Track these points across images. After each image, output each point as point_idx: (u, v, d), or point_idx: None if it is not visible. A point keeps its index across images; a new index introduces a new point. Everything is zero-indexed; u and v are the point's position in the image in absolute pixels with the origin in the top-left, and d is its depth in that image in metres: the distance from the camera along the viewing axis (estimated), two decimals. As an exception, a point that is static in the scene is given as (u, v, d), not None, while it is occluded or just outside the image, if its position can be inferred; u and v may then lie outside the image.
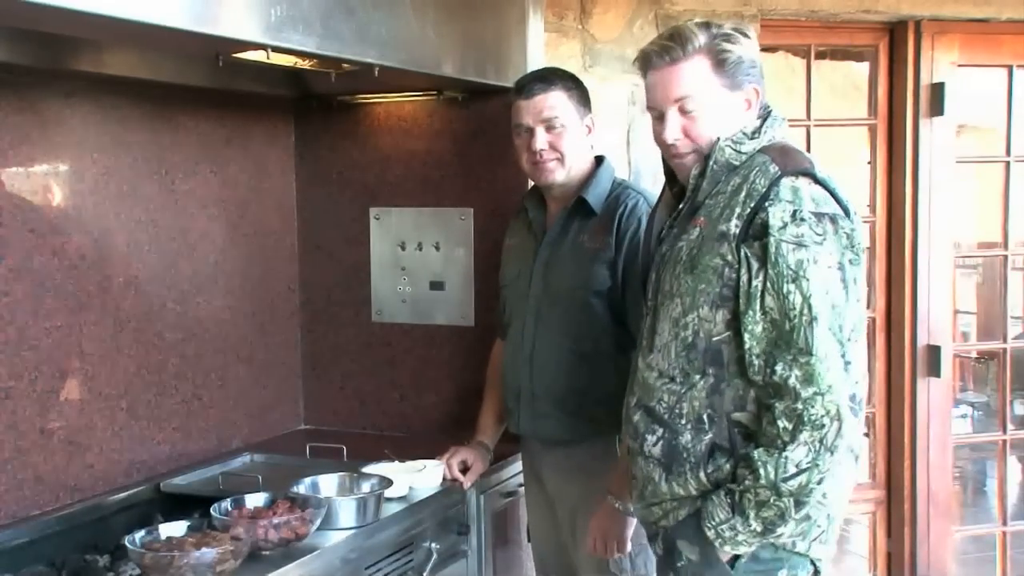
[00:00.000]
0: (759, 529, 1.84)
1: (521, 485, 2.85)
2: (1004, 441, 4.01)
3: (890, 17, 3.62)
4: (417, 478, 2.55)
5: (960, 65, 3.66)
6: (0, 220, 2.35)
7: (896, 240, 3.74)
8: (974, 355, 7.44)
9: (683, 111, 1.96)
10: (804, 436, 1.78)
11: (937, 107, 3.62)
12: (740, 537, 1.86)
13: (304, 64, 2.40)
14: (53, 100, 2.48)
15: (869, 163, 3.83)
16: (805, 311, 1.78)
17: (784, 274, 1.79)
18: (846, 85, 4.90)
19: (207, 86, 2.75)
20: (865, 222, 3.82)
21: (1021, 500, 6.48)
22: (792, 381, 1.78)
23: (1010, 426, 4.06)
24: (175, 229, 2.84)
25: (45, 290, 2.45)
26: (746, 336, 1.83)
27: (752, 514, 1.82)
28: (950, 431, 3.82)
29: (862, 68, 4.00)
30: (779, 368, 1.80)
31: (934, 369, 3.70)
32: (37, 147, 2.45)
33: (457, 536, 2.61)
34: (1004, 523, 4.02)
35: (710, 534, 1.88)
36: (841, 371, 1.79)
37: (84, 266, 2.56)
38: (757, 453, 1.82)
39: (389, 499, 2.42)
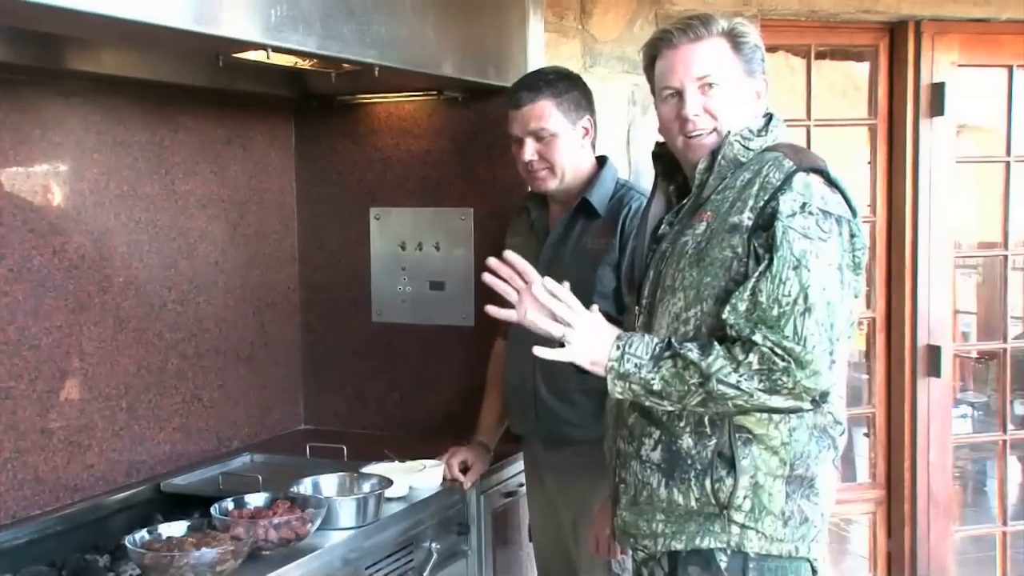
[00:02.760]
0: (655, 386, 1.79)
1: (521, 485, 2.85)
2: (1004, 441, 4.00)
3: (890, 17, 3.62)
4: (417, 478, 2.55)
5: (960, 65, 3.65)
6: (0, 220, 2.35)
7: (896, 240, 3.74)
8: (974, 355, 7.42)
9: (704, 89, 1.95)
10: (759, 384, 1.74)
11: (937, 107, 3.62)
12: (629, 366, 1.80)
13: (304, 64, 2.40)
14: (53, 100, 2.48)
15: (869, 163, 3.83)
16: (800, 301, 1.74)
17: (787, 259, 1.76)
18: (846, 85, 4.89)
19: (207, 86, 2.74)
20: (865, 222, 3.81)
21: (1021, 500, 6.47)
22: (780, 349, 1.73)
23: (1010, 426, 4.05)
24: (175, 229, 2.84)
25: (45, 290, 2.45)
26: (727, 309, 1.77)
27: (664, 371, 1.78)
28: (950, 431, 3.82)
29: (862, 68, 3.99)
30: (758, 338, 1.74)
31: (934, 369, 3.70)
32: (37, 147, 2.45)
33: (457, 536, 2.61)
34: (1004, 523, 4.02)
35: (612, 363, 1.82)
36: (827, 366, 1.76)
37: (84, 266, 2.56)
38: (718, 347, 1.76)
39: (389, 499, 2.41)
